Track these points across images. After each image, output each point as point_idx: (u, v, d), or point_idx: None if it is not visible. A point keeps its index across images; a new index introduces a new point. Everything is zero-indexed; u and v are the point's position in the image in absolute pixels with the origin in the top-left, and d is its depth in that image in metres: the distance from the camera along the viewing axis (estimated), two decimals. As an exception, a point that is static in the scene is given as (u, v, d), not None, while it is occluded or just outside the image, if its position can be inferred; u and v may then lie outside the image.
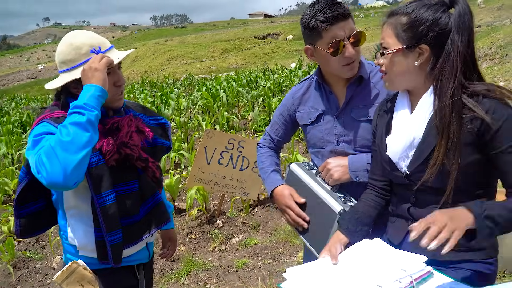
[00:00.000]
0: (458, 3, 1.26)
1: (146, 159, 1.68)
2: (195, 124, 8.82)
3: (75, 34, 1.60)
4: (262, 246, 4.08)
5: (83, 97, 1.41)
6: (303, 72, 15.07)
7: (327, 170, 1.66)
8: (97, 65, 1.46)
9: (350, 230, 1.46)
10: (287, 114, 1.89)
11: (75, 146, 1.32)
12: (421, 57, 1.29)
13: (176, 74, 29.35)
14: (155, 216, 1.73)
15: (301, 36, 1.70)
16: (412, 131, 1.32)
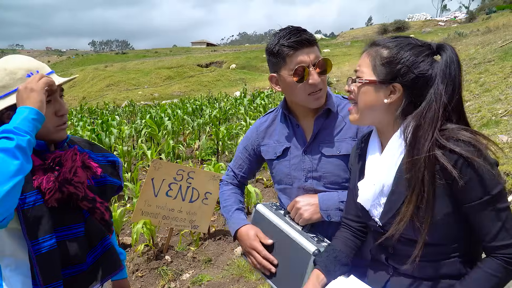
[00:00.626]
0: (445, 51, 1.20)
1: (93, 199, 1.51)
2: (139, 153, 8.50)
3: (9, 59, 1.44)
4: (215, 282, 3.89)
5: (14, 121, 1.23)
6: (248, 100, 15.22)
7: (296, 209, 1.57)
8: (34, 85, 1.29)
9: (329, 270, 1.38)
10: (251, 148, 1.81)
11: (1, 176, 1.12)
12: (392, 95, 1.23)
13: (117, 101, 28.54)
14: (104, 264, 1.54)
15: (244, 65, 1.66)
16: (381, 177, 1.25)
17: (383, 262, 1.35)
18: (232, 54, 54.66)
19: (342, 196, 1.56)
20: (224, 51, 68.20)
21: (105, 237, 1.56)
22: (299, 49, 1.50)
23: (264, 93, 16.99)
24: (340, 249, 1.44)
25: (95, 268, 1.51)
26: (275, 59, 1.55)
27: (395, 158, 1.23)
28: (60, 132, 1.47)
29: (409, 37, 1.27)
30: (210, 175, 4.50)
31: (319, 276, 1.38)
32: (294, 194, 1.65)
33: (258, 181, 6.74)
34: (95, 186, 1.57)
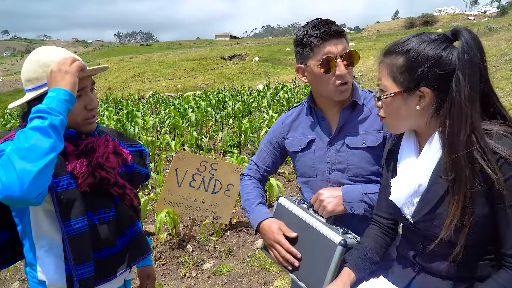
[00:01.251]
0: (461, 37, 1.12)
1: (124, 186, 1.55)
2: (163, 144, 8.62)
3: (42, 51, 1.47)
4: (236, 273, 3.94)
5: (46, 101, 1.27)
6: (271, 93, 15.20)
7: (320, 201, 1.58)
8: (68, 67, 1.32)
9: (359, 268, 1.37)
10: (275, 141, 1.82)
11: (35, 153, 1.16)
12: (422, 100, 1.17)
13: (141, 92, 28.93)
14: (134, 248, 1.59)
15: (268, 58, 1.67)
16: (418, 177, 1.22)
17: (410, 259, 1.33)
18: (255, 47, 54.57)
19: (366, 188, 1.56)
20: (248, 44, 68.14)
21: (134, 222, 1.61)
22: (327, 40, 1.50)
23: (287, 87, 16.93)
24: (370, 247, 1.42)
25: (124, 252, 1.55)
26: (303, 49, 1.56)
27: (434, 160, 1.19)
28: (89, 125, 1.51)
29: (421, 34, 1.20)
30: (232, 167, 4.54)
31: (350, 274, 1.36)
32: (318, 186, 1.66)
33: (280, 174, 6.75)
34: (124, 173, 1.62)
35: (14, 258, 1.59)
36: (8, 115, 20.49)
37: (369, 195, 1.54)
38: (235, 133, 9.22)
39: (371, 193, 1.54)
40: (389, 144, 1.44)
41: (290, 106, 3.26)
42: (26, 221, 1.45)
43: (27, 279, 1.54)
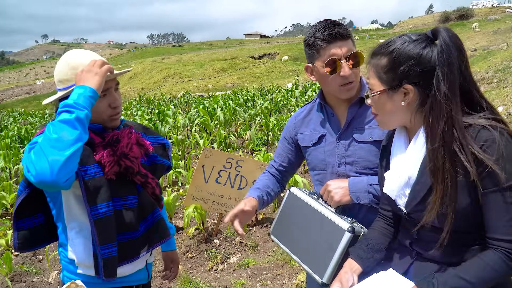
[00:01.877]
0: (439, 36, 1.20)
1: (146, 175, 1.69)
2: (192, 142, 8.85)
3: (73, 54, 1.62)
4: (261, 267, 4.07)
5: (73, 97, 1.42)
6: (300, 92, 15.21)
7: (328, 192, 1.68)
8: (98, 69, 1.49)
9: (361, 257, 1.44)
10: (289, 137, 1.92)
11: (63, 143, 1.32)
12: (407, 96, 1.26)
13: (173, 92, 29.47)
14: (154, 233, 1.73)
15: (297, 57, 1.77)
16: (407, 170, 1.30)
17: (407, 247, 1.40)
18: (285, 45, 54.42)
19: (372, 179, 1.63)
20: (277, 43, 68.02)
21: (156, 209, 1.75)
22: (332, 42, 1.58)
23: (316, 85, 16.87)
24: (372, 237, 1.50)
25: (146, 236, 1.70)
26: (310, 50, 1.65)
27: (421, 152, 1.27)
28: (113, 121, 1.67)
29: (404, 35, 1.28)
30: (258, 164, 4.66)
31: (352, 265, 1.44)
32: (328, 179, 1.75)
33: (307, 172, 6.81)
34: (147, 164, 1.76)
35: (49, 240, 1.77)
36: (48, 116, 21.39)
37: (374, 186, 1.62)
38: (263, 131, 9.33)
39: (377, 184, 1.61)
40: (384, 141, 1.53)
41: None
42: (59, 205, 1.62)
43: (60, 258, 1.72)
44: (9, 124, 18.17)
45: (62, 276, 1.70)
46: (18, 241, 1.66)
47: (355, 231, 1.52)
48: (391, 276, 1.36)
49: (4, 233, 4.83)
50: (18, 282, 4.10)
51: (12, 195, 5.69)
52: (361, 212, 1.68)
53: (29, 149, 1.43)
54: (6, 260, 4.12)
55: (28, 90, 52.78)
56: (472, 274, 1.16)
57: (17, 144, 11.42)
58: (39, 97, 44.83)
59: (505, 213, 1.15)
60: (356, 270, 1.42)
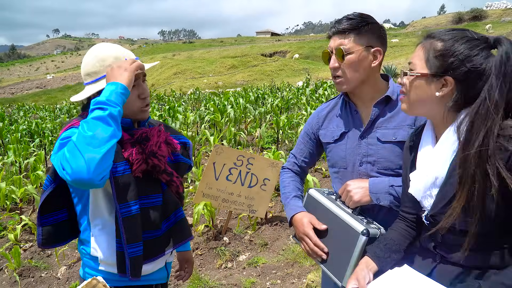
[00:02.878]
0: (502, 46, 1.17)
1: (171, 173, 1.67)
2: (202, 139, 8.83)
3: (101, 47, 1.61)
4: (270, 265, 4.02)
5: (105, 94, 1.40)
6: (310, 90, 15.13)
7: (347, 192, 1.63)
8: (128, 66, 1.47)
9: (378, 256, 1.41)
10: (311, 132, 1.88)
11: (98, 140, 1.30)
12: (444, 88, 1.23)
13: (183, 88, 29.57)
14: (177, 232, 1.70)
15: (308, 55, 1.82)
16: (435, 169, 1.26)
17: (431, 250, 1.36)
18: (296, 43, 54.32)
19: (393, 181, 1.58)
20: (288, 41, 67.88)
21: (179, 208, 1.72)
22: (332, 36, 1.65)
23: (327, 84, 16.80)
24: (391, 237, 1.46)
25: (168, 235, 1.67)
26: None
27: (450, 152, 1.23)
28: (144, 113, 1.65)
29: (466, 30, 1.25)
30: (269, 162, 4.61)
31: (368, 263, 1.41)
32: (348, 177, 1.71)
33: (317, 170, 6.76)
34: (171, 162, 1.74)
35: (71, 236, 1.74)
36: (58, 110, 21.55)
37: (396, 187, 1.57)
38: (273, 129, 9.28)
39: (398, 186, 1.56)
40: (408, 141, 1.48)
41: None
42: (85, 201, 1.59)
43: (80, 254, 1.69)
44: (20, 118, 18.31)
45: (83, 273, 1.67)
46: (42, 237, 1.63)
47: (370, 233, 1.49)
48: (408, 273, 1.33)
49: (13, 228, 4.84)
50: (26, 277, 4.09)
51: (21, 190, 5.71)
52: (380, 214, 1.63)
53: (60, 145, 1.41)
54: (15, 254, 4.12)
55: (38, 84, 53.31)
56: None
57: (27, 138, 11.49)
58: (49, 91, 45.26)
59: None
60: (372, 268, 1.40)
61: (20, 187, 5.97)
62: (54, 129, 12.35)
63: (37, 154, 8.12)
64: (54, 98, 38.49)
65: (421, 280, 1.28)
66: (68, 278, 4.03)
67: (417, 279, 1.29)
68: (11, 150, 8.52)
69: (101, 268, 1.59)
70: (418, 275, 1.30)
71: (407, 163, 1.44)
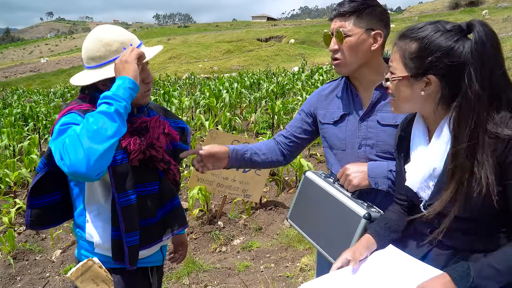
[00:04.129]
0: (474, 31, 1.13)
1: (169, 161, 1.66)
2: (197, 124, 8.81)
3: (104, 30, 1.56)
4: (264, 249, 4.06)
5: (113, 88, 1.39)
6: (306, 76, 15.07)
7: (346, 175, 1.63)
8: (127, 57, 1.44)
9: (379, 234, 1.42)
10: (308, 110, 1.87)
11: (101, 135, 1.29)
12: (428, 87, 1.21)
13: (178, 73, 29.34)
14: (172, 219, 1.70)
15: (304, 40, 1.82)
16: (432, 162, 1.25)
17: (427, 234, 1.36)
18: (292, 28, 53.87)
19: (391, 165, 1.59)
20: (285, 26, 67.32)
21: (175, 196, 1.72)
22: (333, 19, 1.65)
23: (323, 69, 16.73)
24: (391, 217, 1.47)
25: (163, 223, 1.67)
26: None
27: (446, 144, 1.23)
28: (146, 98, 1.63)
29: (438, 22, 1.22)
30: (264, 147, 4.61)
31: (369, 239, 1.42)
32: (346, 159, 1.70)
33: (312, 156, 6.78)
34: (168, 149, 1.72)
35: (64, 218, 1.74)
36: (52, 94, 21.38)
37: (394, 172, 1.57)
38: (268, 114, 9.27)
39: None
40: (399, 131, 1.48)
41: None
42: (81, 186, 1.58)
43: (76, 236, 1.69)
44: (13, 102, 18.14)
45: (79, 254, 1.68)
46: (30, 218, 1.63)
47: (372, 217, 1.49)
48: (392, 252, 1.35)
49: (7, 211, 4.84)
50: (20, 260, 4.11)
51: (15, 173, 5.69)
52: (378, 197, 1.64)
53: (59, 131, 1.40)
54: (9, 238, 4.13)
55: (32, 68, 52.71)
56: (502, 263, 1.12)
57: (20, 122, 11.41)
58: (43, 75, 44.82)
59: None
60: (371, 245, 1.40)
61: (14, 170, 5.95)
62: (48, 113, 12.27)
63: (31, 138, 8.09)
64: (48, 82, 38.08)
65: (406, 259, 1.30)
66: (63, 261, 4.05)
67: (403, 258, 1.31)
68: (5, 133, 8.48)
69: (97, 251, 1.60)
70: (403, 254, 1.32)
71: (400, 153, 1.43)
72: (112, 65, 1.49)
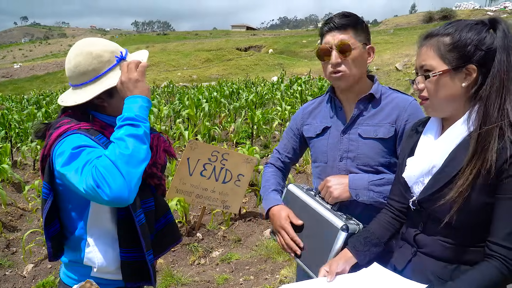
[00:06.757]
0: (500, 23, 1.22)
1: (161, 177, 1.64)
2: (176, 133, 8.72)
3: (88, 43, 1.49)
4: (244, 261, 4.02)
5: (132, 109, 1.35)
6: (285, 86, 15.16)
7: (327, 187, 1.65)
8: (137, 75, 1.40)
9: (357, 249, 1.43)
10: (295, 128, 1.90)
11: (136, 159, 1.28)
12: (468, 78, 1.23)
13: (157, 81, 29.10)
14: (168, 235, 1.68)
15: (283, 50, 1.80)
16: (433, 158, 1.28)
17: (409, 241, 1.39)
18: (271, 38, 54.30)
19: (372, 177, 1.61)
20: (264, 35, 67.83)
21: (169, 210, 1.70)
22: (329, 32, 1.63)
23: (302, 79, 16.87)
24: (372, 231, 1.48)
25: (159, 238, 1.64)
26: (319, 36, 1.70)
27: (452, 143, 1.25)
28: None
29: (461, 20, 1.27)
30: (243, 157, 4.59)
31: (346, 254, 1.43)
32: (328, 172, 1.72)
33: (299, 172, 6.78)
34: None
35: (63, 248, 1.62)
36: (26, 101, 20.84)
37: (375, 184, 1.60)
38: (247, 124, 9.26)
39: (377, 183, 1.59)
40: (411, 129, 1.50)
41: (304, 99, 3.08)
42: (81, 209, 1.49)
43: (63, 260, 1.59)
44: (-15, 108, 17.58)
45: (65, 276, 1.59)
46: (52, 249, 1.54)
47: (349, 229, 1.50)
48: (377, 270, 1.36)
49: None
50: (-10, 274, 3.95)
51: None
52: (358, 210, 1.65)
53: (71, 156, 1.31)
54: (-22, 251, 3.96)
55: (4, 74, 51.31)
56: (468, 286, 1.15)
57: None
58: (16, 81, 43.74)
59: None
60: (349, 260, 1.42)
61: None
62: (21, 121, 11.93)
63: (3, 147, 7.83)
64: (21, 88, 37.15)
65: (390, 276, 1.31)
66: (35, 276, 3.91)
67: (387, 276, 1.32)
68: (-25, 142, 8.17)
69: (94, 275, 1.52)
70: (387, 272, 1.34)
71: (406, 149, 1.45)
72: (107, 76, 1.45)
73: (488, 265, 1.16)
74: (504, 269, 1.13)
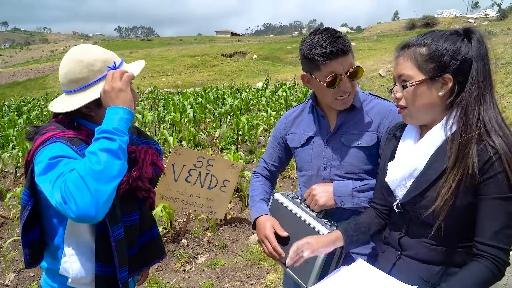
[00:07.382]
0: (474, 32, 1.26)
1: (149, 189, 1.59)
2: (161, 140, 8.68)
3: (81, 50, 1.47)
4: (229, 267, 4.02)
5: (111, 121, 1.29)
6: (270, 91, 15.23)
7: (312, 196, 1.67)
8: (120, 84, 1.35)
9: (347, 231, 1.45)
10: (279, 137, 1.91)
11: (107, 176, 1.21)
12: (444, 87, 1.26)
13: (141, 87, 28.92)
14: (151, 250, 1.64)
15: (268, 56, 1.75)
16: (415, 161, 1.30)
17: (393, 244, 1.42)
18: (256, 44, 54.51)
19: (356, 183, 1.65)
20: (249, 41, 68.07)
21: (155, 225, 1.67)
22: (333, 59, 1.53)
23: (286, 85, 16.97)
24: (362, 220, 1.51)
25: (142, 253, 1.61)
26: (309, 63, 1.59)
27: (433, 146, 1.28)
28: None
29: (436, 31, 1.31)
30: (229, 163, 4.61)
31: (337, 235, 1.44)
32: (313, 181, 1.75)
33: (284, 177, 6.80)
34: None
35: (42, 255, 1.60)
36: (6, 108, 20.47)
37: (359, 190, 1.63)
38: (232, 130, 9.27)
39: (361, 189, 1.63)
40: (388, 133, 1.54)
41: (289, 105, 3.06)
42: (62, 217, 1.46)
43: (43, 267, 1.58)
44: (-35, 115, 17.22)
45: (45, 284, 1.57)
46: (29, 257, 1.50)
47: None
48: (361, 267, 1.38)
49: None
50: (-29, 283, 3.87)
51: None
52: (343, 217, 1.67)
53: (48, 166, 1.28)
54: (-41, 259, 3.88)
55: (-15, 80, 50.32)
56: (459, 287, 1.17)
57: (-27, 136, 10.83)
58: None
59: (501, 221, 1.17)
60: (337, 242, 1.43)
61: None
62: (1, 128, 11.73)
63: (-17, 154, 7.69)
64: (2, 95, 36.45)
65: (375, 273, 1.34)
66: (17, 285, 3.84)
67: (372, 273, 1.34)
68: (-46, 149, 8.01)
69: (71, 285, 1.50)
70: (372, 268, 1.36)
71: (387, 153, 1.48)
72: (97, 86, 1.42)
73: (479, 265, 1.18)
74: (494, 269, 1.17)
